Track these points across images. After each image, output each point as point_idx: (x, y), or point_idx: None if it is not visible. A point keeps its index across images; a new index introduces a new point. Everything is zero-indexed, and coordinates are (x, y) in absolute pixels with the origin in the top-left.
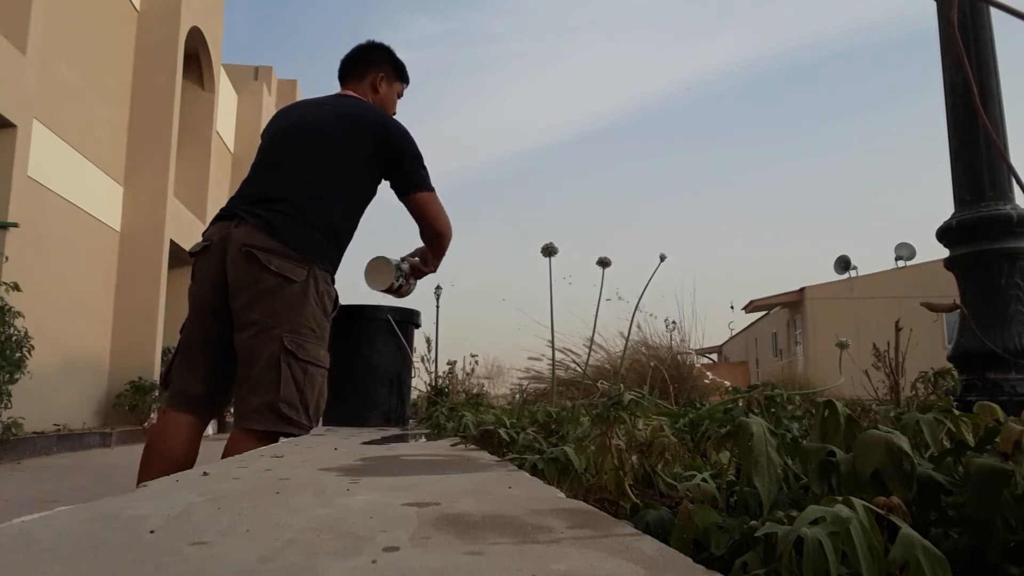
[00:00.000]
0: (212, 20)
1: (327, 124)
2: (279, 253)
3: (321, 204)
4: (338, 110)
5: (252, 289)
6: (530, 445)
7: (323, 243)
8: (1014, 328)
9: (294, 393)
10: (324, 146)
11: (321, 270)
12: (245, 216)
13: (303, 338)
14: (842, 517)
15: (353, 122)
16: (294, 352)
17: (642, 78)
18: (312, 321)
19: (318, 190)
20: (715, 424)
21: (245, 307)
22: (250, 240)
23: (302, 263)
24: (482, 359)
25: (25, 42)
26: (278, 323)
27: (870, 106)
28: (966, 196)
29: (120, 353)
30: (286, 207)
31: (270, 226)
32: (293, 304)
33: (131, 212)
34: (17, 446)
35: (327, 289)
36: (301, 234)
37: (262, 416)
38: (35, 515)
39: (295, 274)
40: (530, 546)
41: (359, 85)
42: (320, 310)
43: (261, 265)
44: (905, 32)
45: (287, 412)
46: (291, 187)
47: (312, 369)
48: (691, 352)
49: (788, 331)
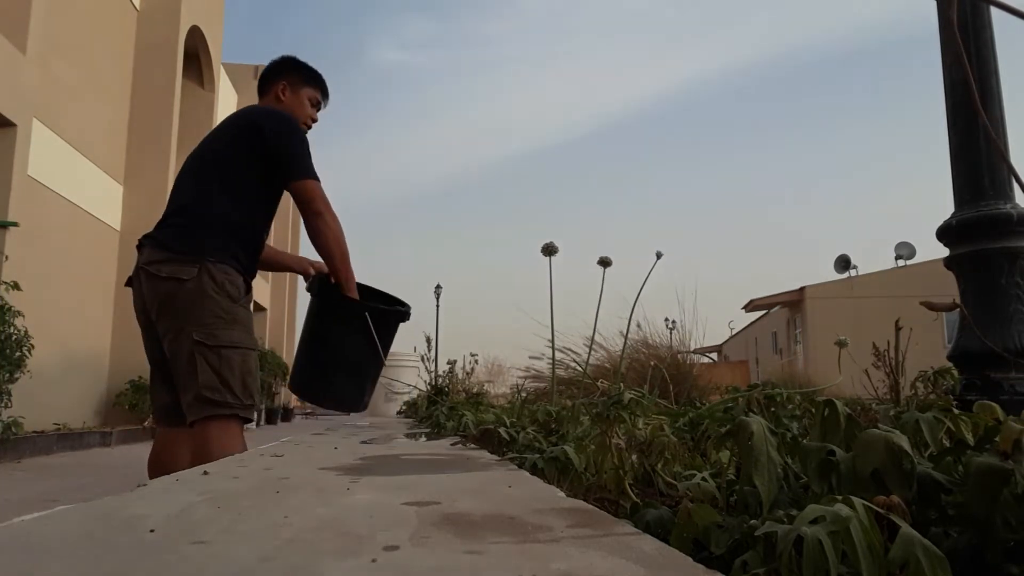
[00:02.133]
0: (212, 19)
1: (211, 136)
2: (167, 260)
3: (206, 206)
4: (221, 125)
5: (155, 301)
6: (530, 444)
7: (216, 239)
8: (1014, 327)
9: (212, 377)
10: (207, 155)
11: (216, 262)
12: (145, 242)
13: (211, 327)
14: (842, 516)
15: (229, 126)
16: (203, 342)
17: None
18: (217, 309)
19: (203, 195)
20: (715, 423)
21: (157, 319)
22: (147, 259)
23: (191, 262)
24: (482, 359)
25: (25, 41)
26: (184, 322)
27: (871, 106)
28: (966, 195)
29: (120, 352)
30: (175, 220)
31: (160, 242)
32: (192, 300)
33: (131, 212)
34: (17, 445)
35: (226, 278)
36: (187, 237)
37: (194, 408)
38: (35, 515)
39: (185, 273)
40: (530, 545)
41: (266, 98)
42: (223, 297)
43: (155, 277)
44: (905, 33)
45: (211, 396)
46: (180, 201)
47: (226, 352)
48: (691, 351)
49: (788, 330)
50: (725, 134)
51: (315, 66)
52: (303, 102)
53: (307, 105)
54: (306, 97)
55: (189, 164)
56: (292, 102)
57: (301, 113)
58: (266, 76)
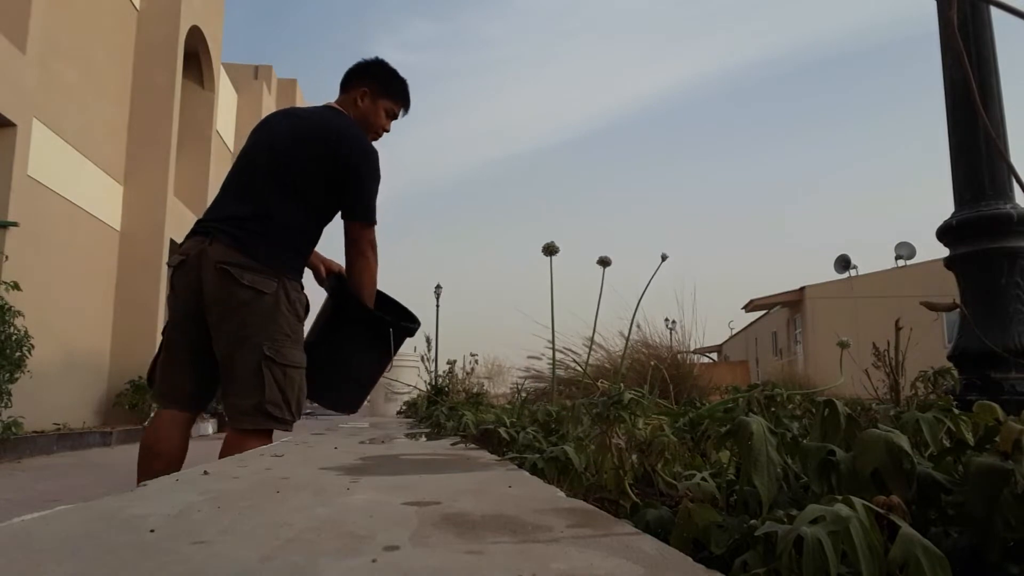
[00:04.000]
0: (212, 19)
1: (290, 144)
2: (250, 268)
3: (287, 219)
4: (304, 128)
5: (228, 302)
6: (530, 444)
7: (289, 257)
8: (1014, 327)
9: (277, 394)
10: (289, 163)
11: (291, 279)
12: (218, 234)
13: (280, 344)
14: (842, 516)
15: (316, 140)
16: (273, 358)
17: (641, 78)
18: (287, 327)
19: (284, 206)
20: (715, 423)
21: (221, 318)
22: (224, 257)
23: (272, 276)
24: (482, 358)
25: (25, 41)
26: (256, 332)
27: (871, 107)
28: (966, 195)
29: (120, 352)
30: (256, 226)
31: (241, 243)
32: (268, 314)
33: (131, 212)
34: (17, 445)
35: (298, 296)
36: (269, 249)
37: (252, 417)
38: (35, 515)
39: (266, 287)
40: (530, 545)
41: (345, 98)
42: (293, 316)
43: (234, 280)
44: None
45: (273, 412)
46: (260, 205)
47: (290, 371)
48: (691, 352)
49: (788, 330)
50: (725, 134)
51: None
52: (379, 112)
53: (383, 116)
54: (383, 108)
55: (264, 162)
56: (368, 110)
57: (376, 122)
58: (351, 75)
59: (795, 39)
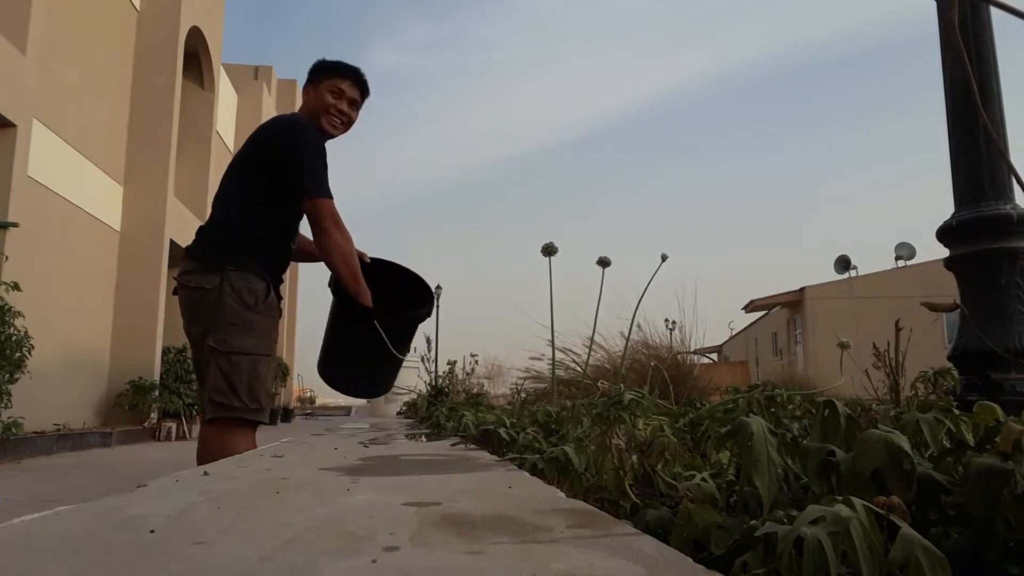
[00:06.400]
0: (212, 20)
1: (241, 150)
2: (195, 271)
3: (230, 217)
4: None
5: (186, 310)
6: (530, 445)
7: (236, 247)
8: (1014, 328)
9: (221, 382)
10: (233, 167)
11: (237, 270)
12: (185, 255)
13: (226, 334)
14: (842, 517)
15: (251, 138)
16: (217, 347)
17: (641, 79)
18: (232, 316)
19: (228, 207)
20: (715, 424)
21: (189, 326)
22: (180, 272)
23: (213, 271)
24: (482, 359)
25: (25, 42)
26: (206, 329)
27: (871, 107)
28: (966, 195)
29: (120, 353)
30: (206, 232)
31: (190, 251)
32: (212, 308)
33: (131, 212)
34: (17, 446)
35: (245, 285)
36: (212, 247)
37: (207, 409)
38: (35, 515)
39: (208, 282)
40: (530, 545)
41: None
42: (239, 304)
43: (185, 287)
44: (905, 35)
45: (218, 399)
46: (212, 215)
47: (236, 358)
48: (691, 352)
49: (788, 331)
50: (725, 134)
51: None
52: (323, 95)
53: (327, 96)
54: (326, 90)
55: (223, 176)
56: (313, 99)
57: (322, 104)
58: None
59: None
